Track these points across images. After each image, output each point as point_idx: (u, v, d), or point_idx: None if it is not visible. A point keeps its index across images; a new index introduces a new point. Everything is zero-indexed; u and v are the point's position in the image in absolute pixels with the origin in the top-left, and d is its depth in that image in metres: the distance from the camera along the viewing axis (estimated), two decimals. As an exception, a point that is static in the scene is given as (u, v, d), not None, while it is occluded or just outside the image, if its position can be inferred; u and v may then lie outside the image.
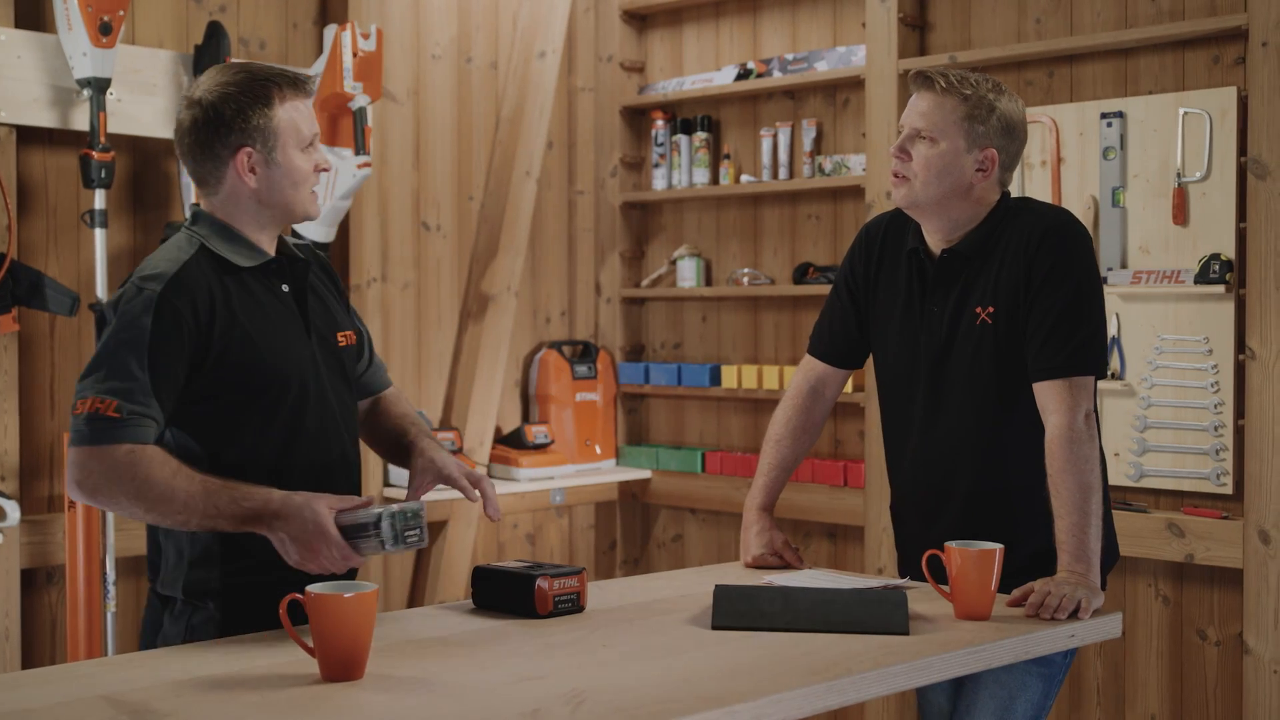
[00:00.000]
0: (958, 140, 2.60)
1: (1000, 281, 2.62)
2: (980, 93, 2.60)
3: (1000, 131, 2.62)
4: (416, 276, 4.81)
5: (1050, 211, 2.69)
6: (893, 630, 2.27)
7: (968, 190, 2.64)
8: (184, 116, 2.40)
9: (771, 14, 4.99)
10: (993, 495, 2.65)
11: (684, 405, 5.23)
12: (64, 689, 1.95)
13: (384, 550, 2.22)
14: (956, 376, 2.66)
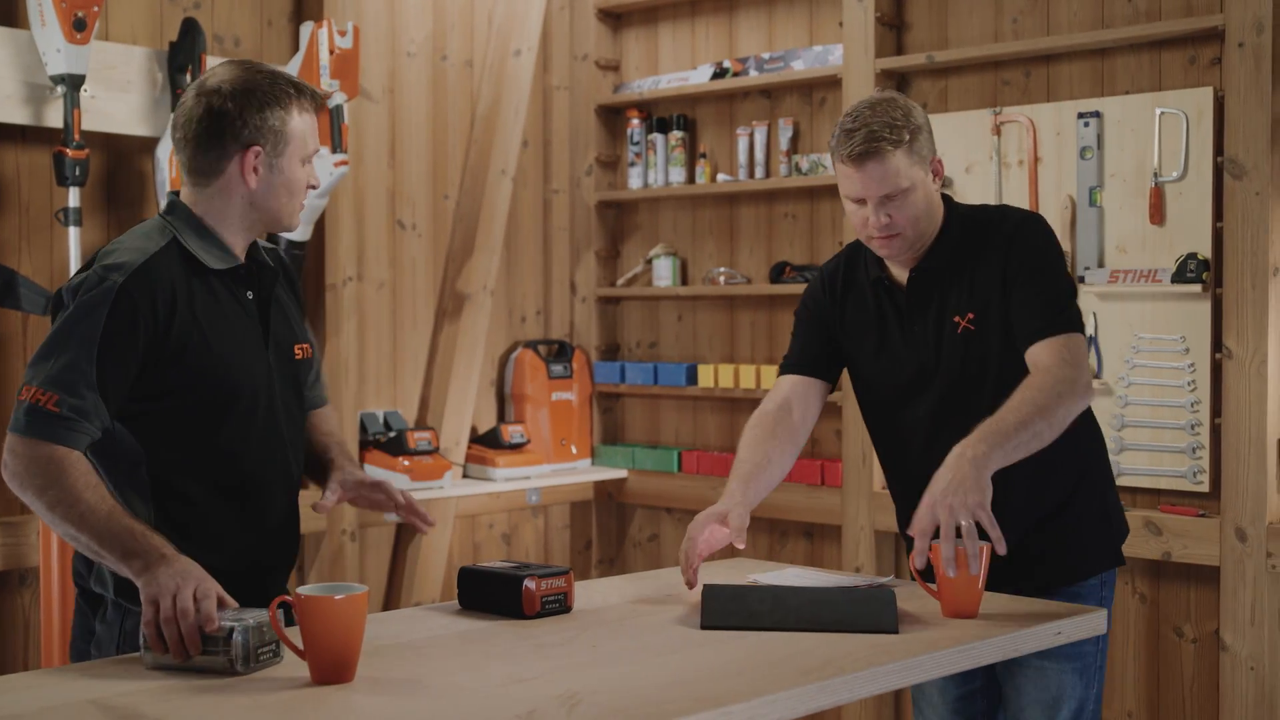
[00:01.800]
0: (920, 174, 2.60)
1: (975, 288, 2.65)
2: (905, 123, 2.58)
3: (929, 137, 2.64)
4: (392, 275, 4.79)
5: (1010, 211, 2.74)
6: (882, 629, 2.27)
7: (937, 206, 2.68)
8: (195, 103, 2.33)
9: (747, 13, 4.99)
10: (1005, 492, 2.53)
11: (660, 405, 5.23)
12: (50, 694, 1.93)
13: (232, 671, 2.00)
14: (952, 387, 2.67)
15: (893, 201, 2.58)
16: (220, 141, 2.32)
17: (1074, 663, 2.64)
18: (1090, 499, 2.72)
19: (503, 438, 4.92)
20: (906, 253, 2.65)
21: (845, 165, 2.59)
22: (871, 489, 4.43)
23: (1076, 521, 2.68)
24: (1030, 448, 2.47)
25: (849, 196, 2.62)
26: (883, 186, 2.57)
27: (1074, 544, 2.68)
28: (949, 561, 2.33)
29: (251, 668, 2.01)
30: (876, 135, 2.55)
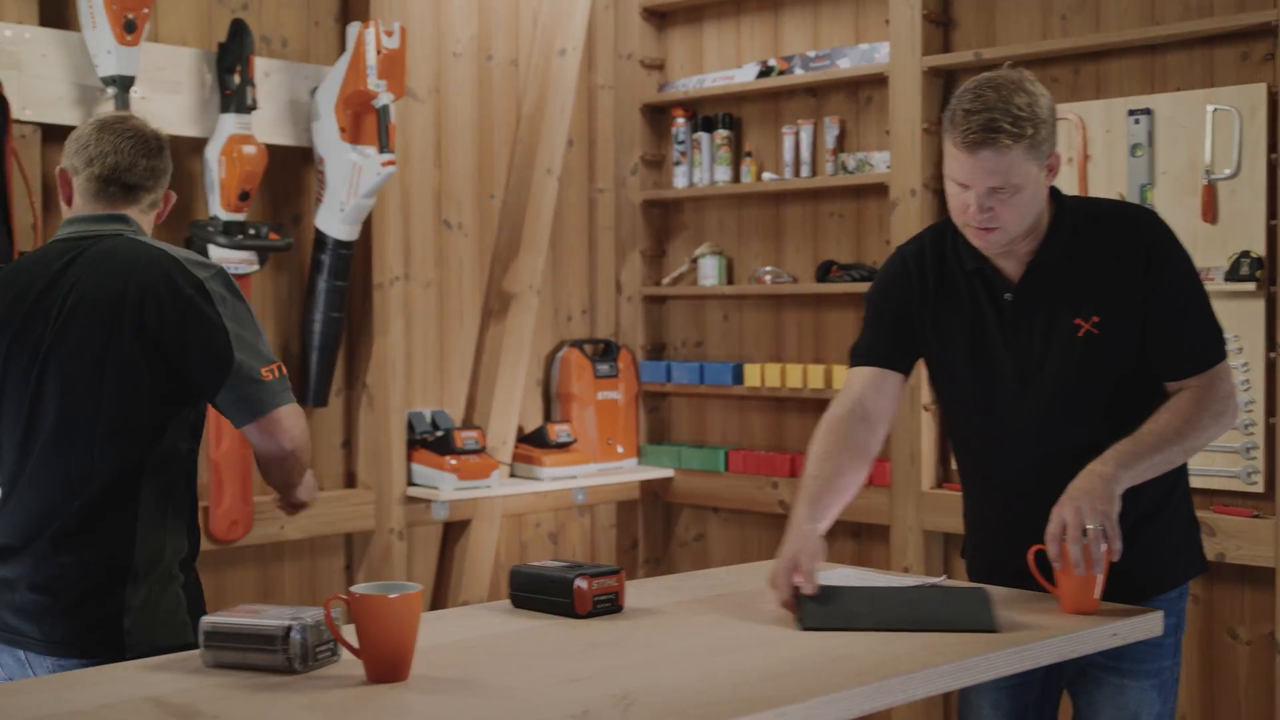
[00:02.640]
0: (1035, 170, 2.43)
1: (1103, 290, 2.50)
2: (1030, 115, 2.40)
3: (1053, 130, 2.46)
4: (438, 275, 4.80)
5: (1132, 210, 2.60)
6: (982, 628, 2.25)
7: (1044, 202, 2.52)
8: (149, 137, 2.63)
9: (793, 11, 4.98)
10: None
11: (706, 404, 5.22)
12: (108, 691, 1.94)
13: (289, 669, 2.02)
14: (1062, 394, 2.53)
15: (999, 194, 2.41)
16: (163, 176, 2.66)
17: (1153, 679, 2.56)
18: (1180, 507, 2.64)
19: (549, 437, 4.92)
20: (1001, 248, 2.50)
21: (957, 149, 2.41)
22: (919, 489, 4.40)
23: (1167, 529, 2.60)
24: (1159, 470, 2.45)
25: (953, 179, 2.46)
26: (993, 179, 2.40)
27: (1166, 551, 2.60)
28: (1078, 561, 2.33)
29: (309, 666, 2.02)
30: (997, 124, 2.37)
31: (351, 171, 4.21)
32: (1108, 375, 2.52)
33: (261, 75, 4.17)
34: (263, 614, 2.06)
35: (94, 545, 2.42)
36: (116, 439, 2.42)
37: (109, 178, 2.55)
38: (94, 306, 2.44)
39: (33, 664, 2.44)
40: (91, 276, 2.46)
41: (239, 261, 4.06)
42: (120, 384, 2.42)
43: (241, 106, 4.04)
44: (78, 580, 2.41)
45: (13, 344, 2.49)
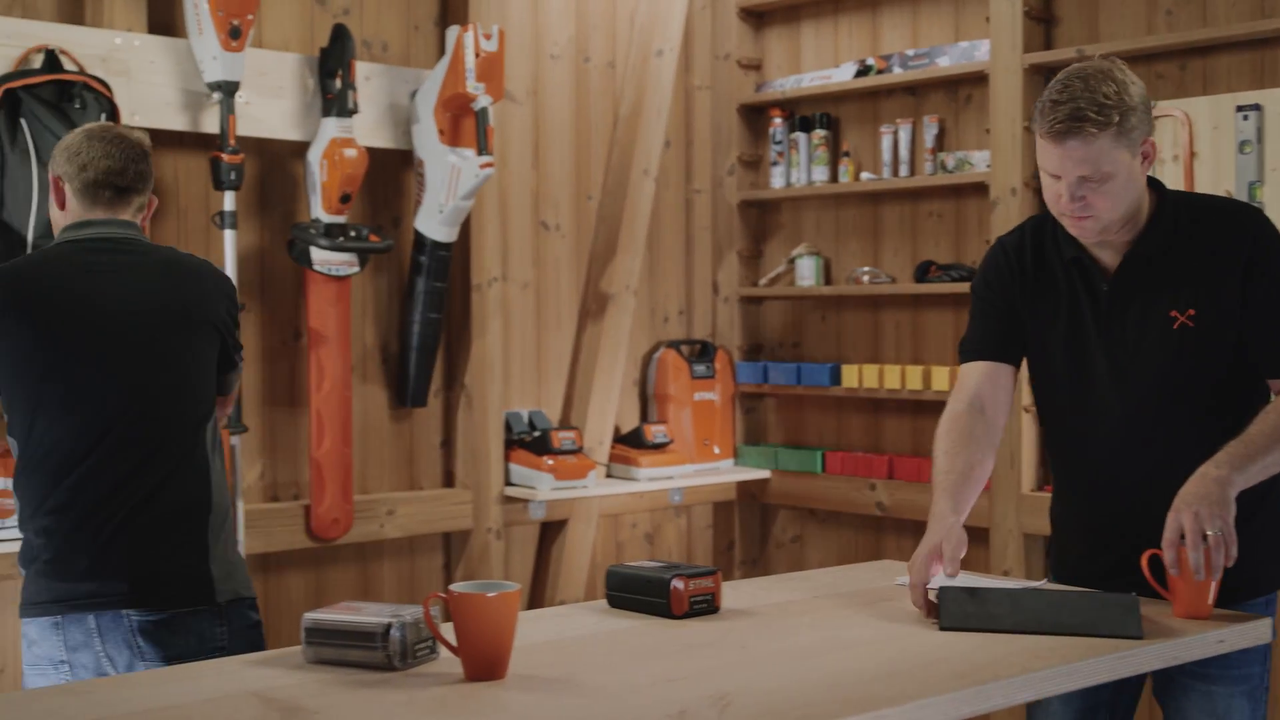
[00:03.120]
0: (1126, 158, 2.40)
1: (1201, 282, 2.47)
2: (1117, 102, 2.38)
3: (1145, 117, 2.43)
4: (536, 276, 4.83)
5: (1237, 205, 2.58)
6: (1127, 634, 2.22)
7: (1143, 194, 2.50)
8: (143, 146, 2.78)
9: (892, 9, 4.94)
10: None
11: (803, 405, 5.20)
12: (213, 685, 1.98)
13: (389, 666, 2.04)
14: (1157, 389, 2.50)
15: (1090, 183, 2.40)
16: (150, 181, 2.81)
17: (1242, 685, 2.51)
18: (1276, 509, 2.57)
19: (646, 437, 4.93)
20: (1097, 236, 2.48)
21: (1045, 139, 2.42)
22: (1020, 491, 4.35)
23: (1263, 530, 2.53)
24: (1269, 473, 2.40)
25: (1045, 169, 2.45)
26: (1081, 167, 2.38)
27: (1262, 554, 2.53)
28: (1198, 568, 2.29)
29: (408, 664, 2.04)
30: (1082, 114, 2.36)
31: (450, 174, 4.25)
32: (1202, 371, 2.48)
33: (362, 79, 4.22)
34: (363, 611, 2.09)
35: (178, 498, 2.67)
36: (189, 413, 2.72)
37: (102, 182, 2.73)
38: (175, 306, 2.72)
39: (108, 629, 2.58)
40: (164, 280, 2.74)
41: (340, 263, 4.11)
42: (197, 366, 2.75)
43: (343, 110, 4.09)
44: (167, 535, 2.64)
45: (67, 338, 2.63)
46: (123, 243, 2.74)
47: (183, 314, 2.74)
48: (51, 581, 2.59)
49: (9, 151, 3.50)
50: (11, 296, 2.65)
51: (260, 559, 4.15)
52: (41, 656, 2.59)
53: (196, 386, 2.74)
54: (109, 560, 2.59)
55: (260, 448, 4.20)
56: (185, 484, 2.68)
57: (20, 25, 3.66)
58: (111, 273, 2.69)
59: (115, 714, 1.83)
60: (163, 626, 2.60)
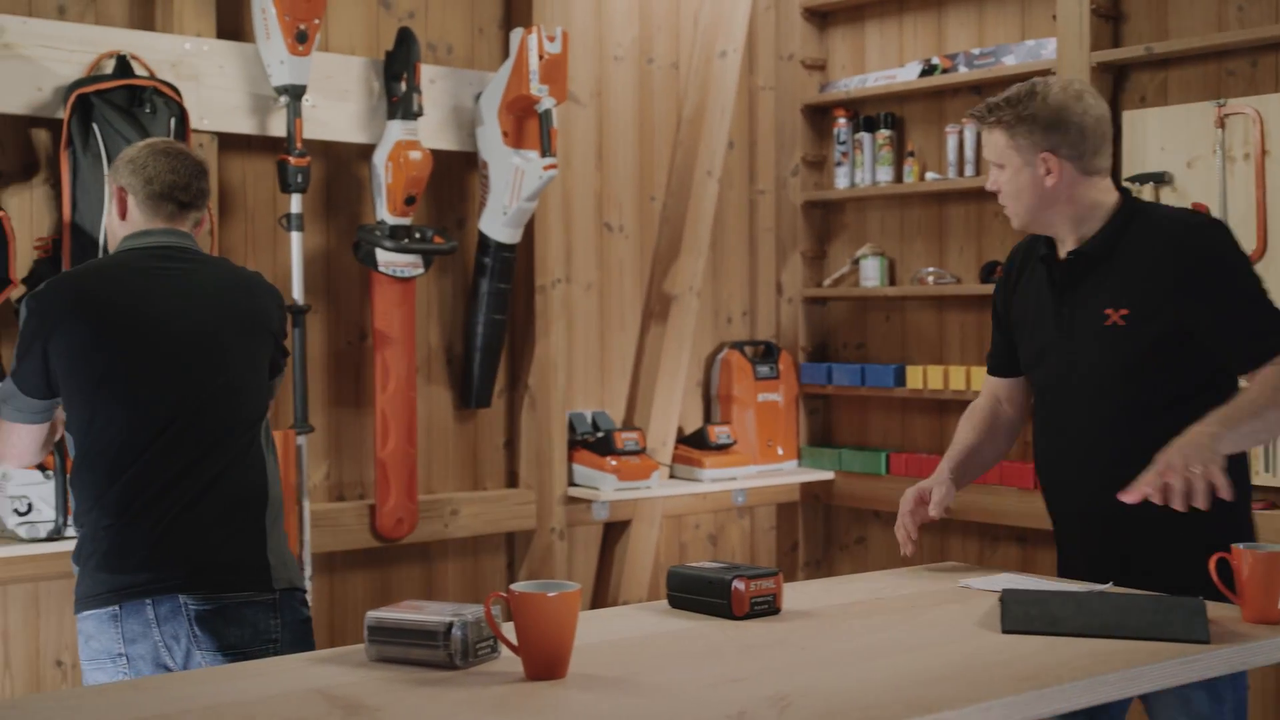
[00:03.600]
0: (1015, 159, 2.68)
1: (1132, 284, 2.62)
2: (1019, 108, 2.65)
3: (1050, 130, 2.63)
4: (599, 277, 4.84)
5: (1182, 213, 2.75)
6: (1193, 638, 2.19)
7: (1054, 198, 2.67)
8: (197, 165, 2.88)
9: (957, 8, 4.91)
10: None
11: (868, 406, 5.17)
12: (278, 682, 2.00)
13: (450, 665, 2.06)
14: (1105, 387, 2.65)
15: (995, 168, 2.72)
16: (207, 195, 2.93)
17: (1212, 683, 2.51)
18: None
19: (709, 438, 4.92)
20: (1018, 225, 2.73)
21: None
22: (1087, 493, 4.30)
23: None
24: (1261, 438, 2.53)
25: None
26: (987, 152, 2.74)
27: None
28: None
29: (469, 662, 2.05)
30: (992, 107, 2.70)
31: (514, 175, 4.27)
32: (1134, 371, 2.62)
33: (427, 82, 4.25)
34: (425, 610, 2.10)
35: (235, 499, 2.75)
36: (243, 412, 2.80)
37: (165, 195, 2.82)
38: (230, 312, 2.83)
39: (165, 618, 2.64)
40: (220, 288, 2.84)
41: (405, 265, 4.14)
42: (251, 368, 2.85)
43: (408, 113, 4.12)
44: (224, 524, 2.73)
45: (131, 339, 2.72)
46: (181, 251, 2.83)
47: (238, 320, 2.84)
48: (108, 574, 2.65)
49: (81, 156, 3.56)
50: (74, 299, 2.72)
51: (325, 558, 4.19)
52: (100, 651, 2.64)
53: (250, 387, 2.83)
54: (166, 549, 2.66)
55: (326, 448, 4.25)
56: (241, 477, 2.76)
57: (93, 32, 3.72)
58: (170, 279, 2.78)
59: (181, 709, 1.86)
60: (219, 615, 2.66)
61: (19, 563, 3.55)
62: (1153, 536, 2.61)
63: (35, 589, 3.71)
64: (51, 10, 3.76)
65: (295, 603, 2.79)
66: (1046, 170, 2.66)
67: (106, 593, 2.65)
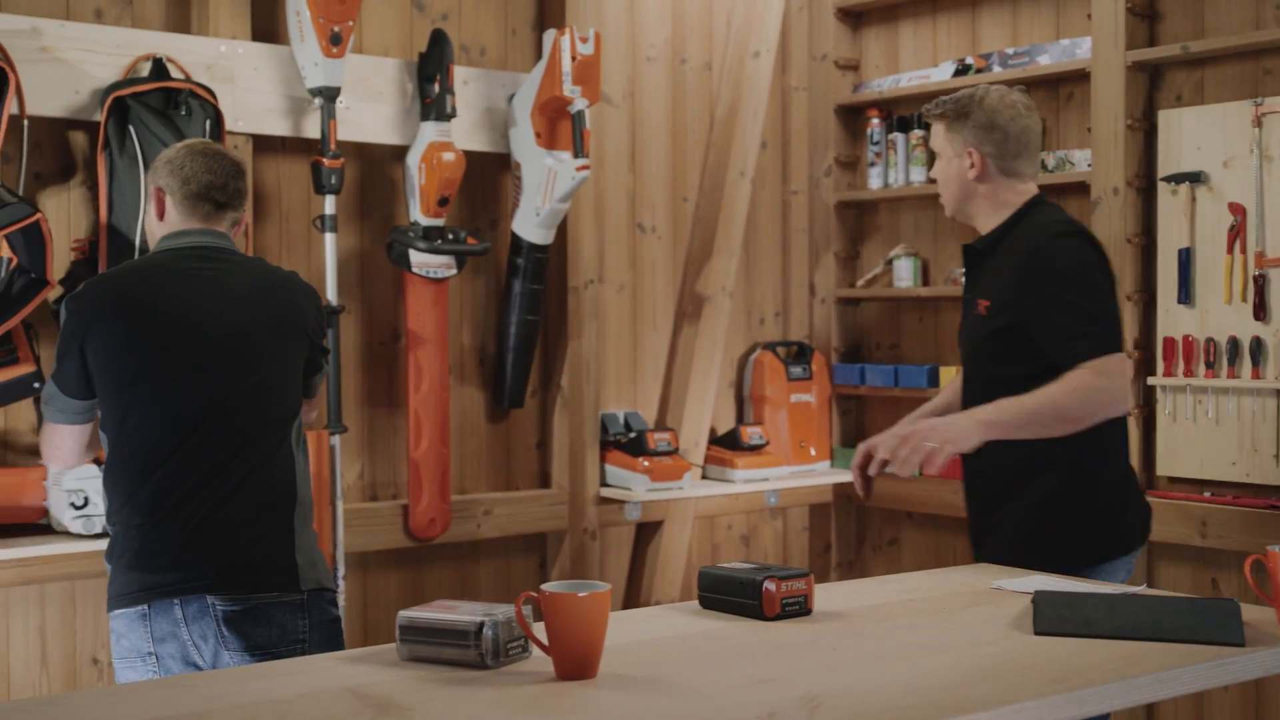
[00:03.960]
0: (948, 150, 3.11)
1: (998, 279, 3.02)
2: (957, 106, 3.09)
3: (979, 130, 3.05)
4: (632, 278, 4.84)
5: (1054, 221, 3.03)
6: (1228, 641, 2.18)
7: (974, 191, 3.09)
8: (236, 162, 2.92)
9: (991, 7, 4.89)
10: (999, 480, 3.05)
11: (901, 406, 5.14)
12: (310, 680, 2.01)
13: (481, 665, 2.07)
14: (969, 362, 3.14)
15: (938, 159, 3.16)
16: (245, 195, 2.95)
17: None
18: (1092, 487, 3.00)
19: (742, 439, 4.92)
20: (949, 213, 3.17)
21: None
22: (1122, 495, 4.28)
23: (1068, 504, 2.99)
24: (1034, 433, 2.85)
25: None
26: (932, 142, 3.18)
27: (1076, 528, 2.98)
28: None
29: (500, 662, 2.06)
30: (938, 103, 3.14)
31: (547, 176, 4.28)
32: (997, 356, 3.00)
33: (460, 83, 4.27)
34: (457, 610, 2.11)
35: (264, 499, 2.76)
36: (273, 412, 2.81)
37: (203, 195, 2.85)
38: (265, 312, 2.84)
39: (194, 618, 2.66)
40: (255, 288, 2.85)
41: (438, 266, 4.16)
42: (283, 368, 2.85)
43: (441, 114, 4.14)
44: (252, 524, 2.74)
45: (165, 338, 2.74)
46: (218, 251, 2.86)
47: (272, 320, 2.85)
48: (139, 573, 2.67)
49: (118, 158, 3.58)
50: (110, 299, 2.75)
51: (359, 558, 4.21)
52: (130, 649, 2.67)
53: (282, 388, 2.84)
54: (195, 549, 2.68)
55: (359, 448, 4.27)
56: (270, 478, 2.77)
57: (129, 35, 3.75)
58: (205, 279, 2.80)
59: (214, 707, 1.87)
60: (247, 616, 2.67)
61: (56, 561, 3.58)
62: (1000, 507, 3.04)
63: (72, 587, 3.74)
64: (89, 14, 3.79)
65: (324, 603, 2.80)
66: (971, 164, 3.07)
67: (136, 592, 2.67)
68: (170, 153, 2.90)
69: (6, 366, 3.48)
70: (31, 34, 3.57)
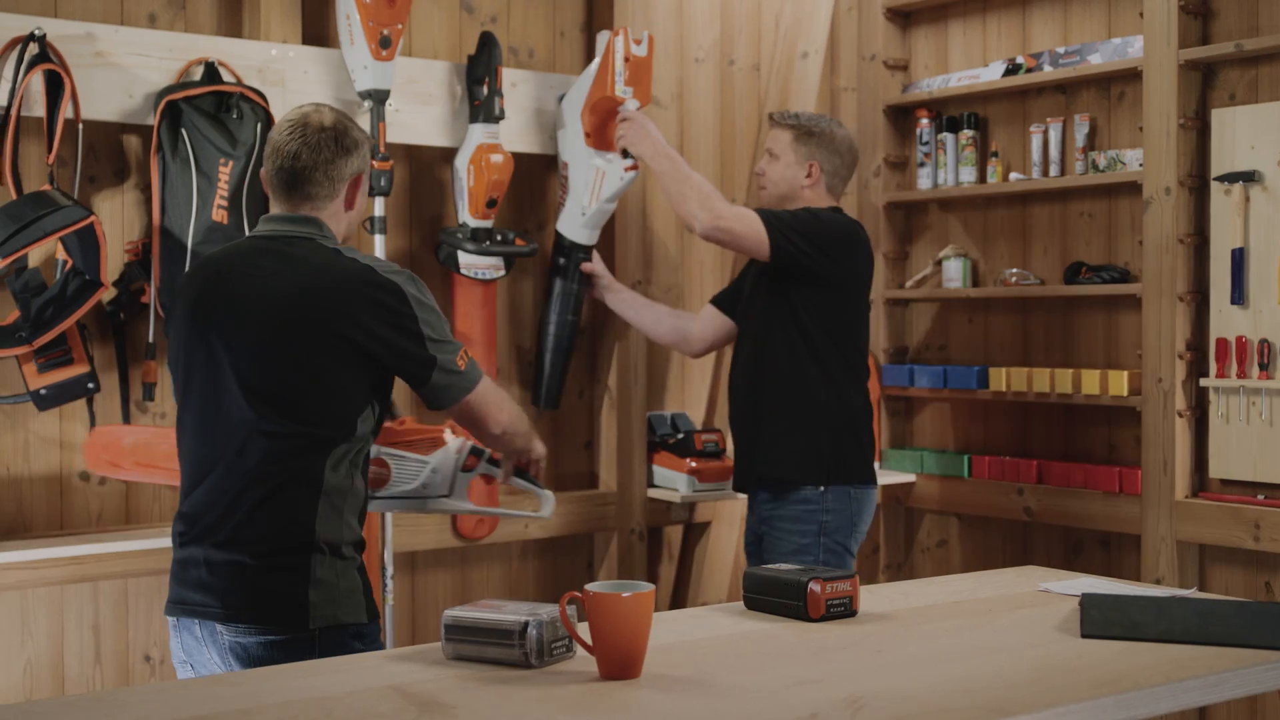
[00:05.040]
0: (789, 156, 3.91)
1: None
2: (810, 125, 3.93)
3: (822, 147, 3.91)
4: (679, 280, 4.84)
5: None
6: (1278, 645, 2.17)
7: (797, 196, 3.95)
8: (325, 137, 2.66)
9: (1042, 6, 4.86)
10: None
11: (950, 408, 5.13)
12: (356, 678, 2.03)
13: (526, 664, 2.09)
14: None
15: (768, 158, 4.00)
16: (338, 166, 2.68)
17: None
18: (805, 415, 3.84)
19: (789, 440, 4.90)
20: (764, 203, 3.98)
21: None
22: (1173, 498, 4.25)
23: (792, 431, 3.85)
24: (666, 180, 3.96)
25: None
26: (770, 143, 3.99)
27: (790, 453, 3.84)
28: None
29: (544, 662, 2.07)
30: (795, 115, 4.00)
31: (594, 177, 4.28)
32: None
33: (509, 85, 4.29)
34: (502, 609, 2.12)
35: (281, 518, 2.58)
36: (302, 434, 2.59)
37: (276, 173, 2.69)
38: (299, 319, 2.59)
39: (208, 641, 2.60)
40: (297, 291, 2.61)
41: (486, 267, 4.18)
42: (316, 384, 2.60)
43: (489, 116, 4.16)
44: (267, 555, 2.58)
45: (199, 328, 2.65)
46: (280, 242, 2.65)
47: (308, 329, 2.59)
48: (173, 584, 2.66)
49: (170, 161, 3.62)
50: (179, 295, 2.72)
51: (407, 557, 4.23)
52: (173, 653, 2.69)
53: (313, 407, 2.59)
54: (213, 573, 2.58)
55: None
56: (291, 507, 2.57)
57: (182, 39, 3.79)
58: (249, 279, 2.64)
59: (261, 704, 1.89)
60: (247, 651, 2.55)
61: (110, 559, 3.62)
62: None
63: (125, 585, 3.78)
64: (142, 19, 3.83)
65: (343, 636, 2.58)
66: (808, 174, 3.93)
67: (170, 603, 2.66)
68: (276, 125, 2.74)
69: (61, 367, 3.53)
70: (86, 39, 3.62)
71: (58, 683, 3.69)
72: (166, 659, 3.84)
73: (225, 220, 3.64)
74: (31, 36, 3.50)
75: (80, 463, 3.72)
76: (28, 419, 3.67)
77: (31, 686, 3.65)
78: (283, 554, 2.57)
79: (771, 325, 3.88)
